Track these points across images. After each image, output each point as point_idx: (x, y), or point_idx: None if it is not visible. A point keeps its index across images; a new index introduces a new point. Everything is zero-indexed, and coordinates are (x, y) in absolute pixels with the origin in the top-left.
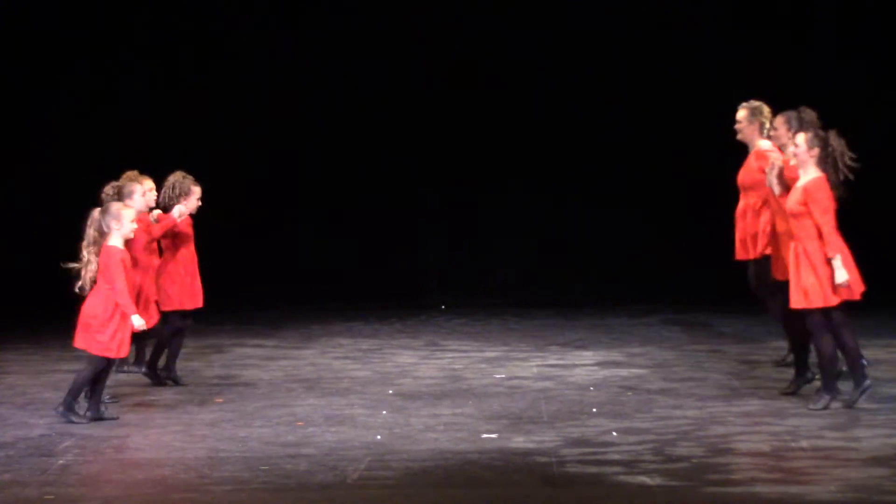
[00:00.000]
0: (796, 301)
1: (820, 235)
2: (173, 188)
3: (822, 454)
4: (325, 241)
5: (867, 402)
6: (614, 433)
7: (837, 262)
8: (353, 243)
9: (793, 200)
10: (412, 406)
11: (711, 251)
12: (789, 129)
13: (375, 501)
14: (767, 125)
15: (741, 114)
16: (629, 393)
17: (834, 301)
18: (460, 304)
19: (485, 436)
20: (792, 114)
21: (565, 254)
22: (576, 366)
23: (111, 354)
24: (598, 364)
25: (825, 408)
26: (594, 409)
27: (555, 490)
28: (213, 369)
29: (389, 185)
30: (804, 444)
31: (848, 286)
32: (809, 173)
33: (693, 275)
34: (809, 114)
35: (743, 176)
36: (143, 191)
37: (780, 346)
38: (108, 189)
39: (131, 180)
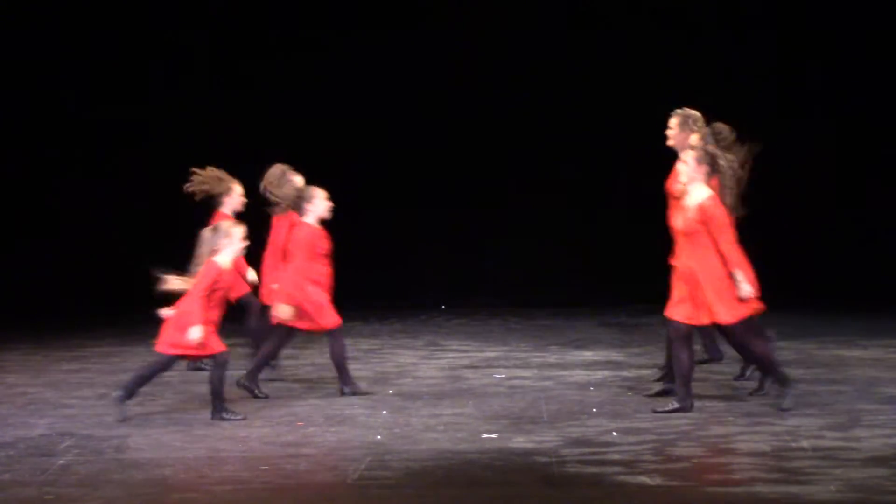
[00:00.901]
0: (722, 316)
1: (718, 252)
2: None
3: (822, 454)
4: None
5: (868, 403)
6: (614, 433)
7: (740, 276)
8: (353, 243)
9: (686, 218)
10: (412, 406)
11: None
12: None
13: (375, 501)
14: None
15: (673, 121)
16: (629, 393)
17: (741, 315)
18: (460, 304)
19: (485, 436)
20: (705, 130)
21: (565, 254)
22: (576, 366)
23: (204, 351)
24: (598, 364)
25: (794, 402)
26: (594, 409)
27: (555, 490)
28: None
29: (390, 185)
30: (804, 444)
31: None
32: (700, 190)
33: None
34: (721, 127)
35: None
36: (240, 191)
37: (780, 346)
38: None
39: (222, 180)
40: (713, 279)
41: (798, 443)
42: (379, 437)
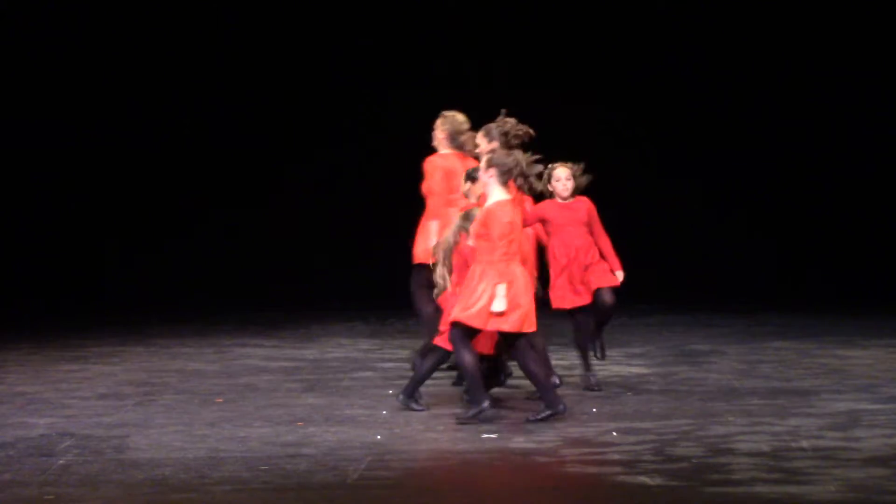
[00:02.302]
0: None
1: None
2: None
3: (822, 454)
4: (325, 241)
5: (868, 403)
6: (614, 433)
7: (501, 290)
8: (353, 243)
9: (476, 223)
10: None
11: (711, 251)
12: (490, 142)
13: (375, 501)
14: (462, 137)
15: (437, 122)
16: (629, 393)
17: (489, 326)
18: None
19: (485, 436)
20: (491, 125)
21: None
22: (576, 366)
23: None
24: (598, 364)
25: (474, 417)
26: (594, 409)
27: (555, 490)
28: (213, 369)
29: (389, 184)
30: (804, 444)
31: (500, 316)
32: (494, 195)
33: (693, 275)
34: (508, 123)
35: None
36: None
37: (780, 346)
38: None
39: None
40: (478, 283)
41: (798, 443)
42: (379, 437)
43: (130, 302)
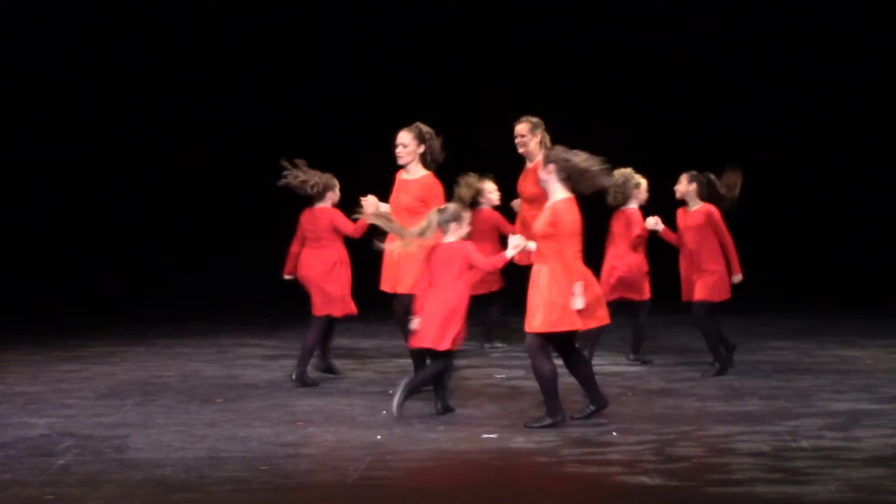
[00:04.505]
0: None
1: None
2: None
3: (822, 454)
4: None
5: (868, 403)
6: (614, 433)
7: (578, 290)
8: (352, 242)
9: (542, 221)
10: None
11: None
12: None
13: (375, 501)
14: (547, 139)
15: (522, 127)
16: (629, 393)
17: (574, 326)
18: None
19: (485, 436)
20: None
21: None
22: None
23: (446, 346)
24: (598, 364)
25: (544, 427)
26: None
27: (555, 490)
28: (213, 369)
29: (387, 184)
30: (804, 444)
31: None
32: (556, 193)
33: None
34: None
35: (530, 187)
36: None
37: (780, 346)
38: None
39: (471, 186)
40: (549, 286)
41: (798, 443)
42: (379, 437)
43: (130, 302)
